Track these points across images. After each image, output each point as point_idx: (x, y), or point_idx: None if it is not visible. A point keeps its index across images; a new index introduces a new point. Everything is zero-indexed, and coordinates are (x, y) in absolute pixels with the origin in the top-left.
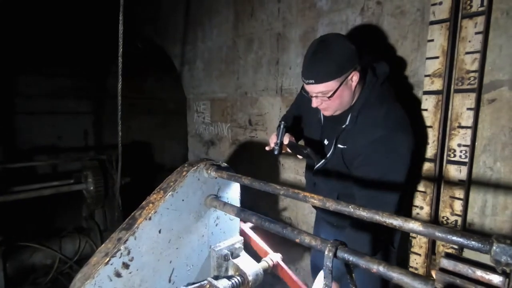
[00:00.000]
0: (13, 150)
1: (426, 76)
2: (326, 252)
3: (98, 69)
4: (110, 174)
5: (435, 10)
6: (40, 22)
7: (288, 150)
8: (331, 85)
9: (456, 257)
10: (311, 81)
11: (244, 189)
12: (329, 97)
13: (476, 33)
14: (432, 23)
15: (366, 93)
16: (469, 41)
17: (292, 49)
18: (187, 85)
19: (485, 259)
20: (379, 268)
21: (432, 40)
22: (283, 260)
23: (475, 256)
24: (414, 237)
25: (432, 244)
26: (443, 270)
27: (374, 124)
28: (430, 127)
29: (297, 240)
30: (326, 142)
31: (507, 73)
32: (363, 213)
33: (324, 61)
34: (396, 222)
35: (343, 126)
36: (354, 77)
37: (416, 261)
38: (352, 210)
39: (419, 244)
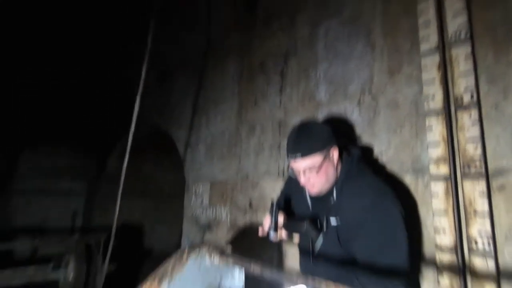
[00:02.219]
0: None
1: (431, 161)
2: None
3: (98, 150)
4: (95, 261)
5: (429, 103)
6: (45, 99)
7: (283, 236)
8: (316, 158)
9: None
10: (298, 154)
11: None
12: (317, 171)
13: (473, 123)
14: (428, 113)
15: (345, 168)
16: (468, 130)
17: None
18: (187, 167)
19: None
20: None
21: (431, 129)
22: None
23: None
24: None
25: None
26: None
27: (360, 194)
28: (444, 213)
29: None
30: (318, 225)
31: (510, 160)
32: None
33: (307, 138)
34: None
35: (332, 203)
36: (335, 153)
37: None
38: None
39: None
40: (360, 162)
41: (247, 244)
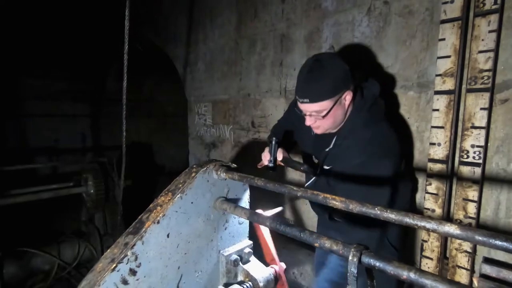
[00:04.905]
0: (9, 152)
1: (437, 75)
2: (350, 258)
3: (96, 72)
4: (111, 177)
5: (446, 9)
6: (37, 25)
7: (282, 164)
8: (325, 104)
9: (498, 262)
10: (305, 100)
11: None
12: (323, 116)
13: (490, 31)
14: (443, 21)
15: (352, 118)
16: (482, 40)
17: (296, 50)
18: (188, 87)
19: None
20: (409, 274)
21: (443, 39)
22: (285, 270)
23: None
24: (426, 241)
25: (444, 248)
26: (486, 277)
27: (358, 149)
28: (442, 127)
29: (317, 245)
30: (316, 160)
31: None
32: (391, 216)
33: (319, 81)
34: (430, 225)
35: (327, 150)
36: (347, 97)
37: (428, 265)
38: (378, 212)
39: (431, 248)
40: (372, 108)
41: (250, 160)
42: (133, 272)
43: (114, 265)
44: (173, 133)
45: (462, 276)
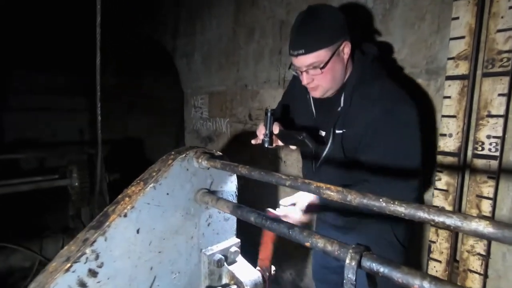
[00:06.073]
0: (3, 146)
1: (449, 59)
2: (347, 261)
3: (94, 68)
4: (98, 170)
5: None
6: (34, 17)
7: (279, 143)
8: (322, 54)
9: None
10: (300, 51)
11: None
12: (321, 68)
13: (510, 7)
14: None
15: (357, 70)
16: (502, 17)
17: None
18: (184, 79)
19: None
20: (423, 283)
21: (457, 18)
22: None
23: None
24: (434, 242)
25: (454, 250)
26: None
27: (372, 101)
28: (454, 116)
29: (307, 244)
30: (323, 133)
31: None
32: (400, 209)
33: (314, 29)
34: (451, 220)
35: (338, 109)
36: (346, 49)
37: (436, 268)
38: (384, 204)
39: (439, 250)
40: (375, 63)
41: (247, 155)
42: (93, 273)
43: (69, 264)
44: (169, 127)
45: (474, 282)
